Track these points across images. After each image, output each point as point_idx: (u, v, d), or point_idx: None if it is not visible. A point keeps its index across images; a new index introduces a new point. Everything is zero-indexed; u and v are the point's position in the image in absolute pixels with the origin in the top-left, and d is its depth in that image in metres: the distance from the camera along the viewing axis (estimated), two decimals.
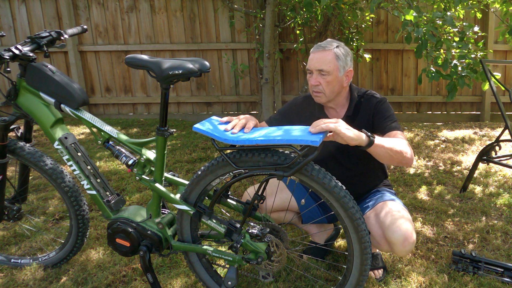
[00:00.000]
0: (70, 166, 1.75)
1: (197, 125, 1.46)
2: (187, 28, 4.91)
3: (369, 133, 1.51)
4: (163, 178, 1.66)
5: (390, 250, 1.75)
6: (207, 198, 1.62)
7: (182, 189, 1.68)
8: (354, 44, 4.47)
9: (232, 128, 1.47)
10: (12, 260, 2.02)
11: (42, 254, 2.04)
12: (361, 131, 1.49)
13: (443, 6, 3.19)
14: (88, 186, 1.74)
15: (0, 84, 5.02)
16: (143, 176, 1.65)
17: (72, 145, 1.77)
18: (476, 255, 2.00)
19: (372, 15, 4.46)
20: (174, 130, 1.62)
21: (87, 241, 2.19)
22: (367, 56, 4.47)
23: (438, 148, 3.86)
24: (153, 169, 1.67)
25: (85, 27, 1.97)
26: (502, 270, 1.95)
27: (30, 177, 2.04)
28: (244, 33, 4.81)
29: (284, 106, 1.99)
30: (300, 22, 4.20)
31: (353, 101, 1.87)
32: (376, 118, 1.81)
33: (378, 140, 1.52)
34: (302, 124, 1.57)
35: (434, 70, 2.93)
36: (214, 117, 1.57)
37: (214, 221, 1.58)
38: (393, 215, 1.73)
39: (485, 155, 2.62)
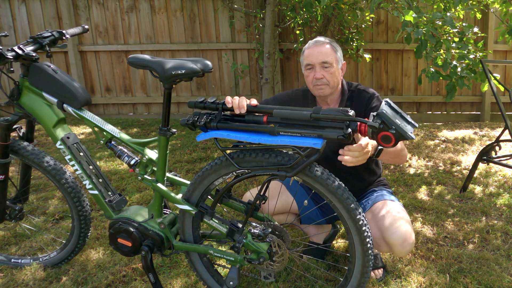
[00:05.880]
0: (72, 166, 1.75)
1: (198, 136, 1.46)
2: (187, 28, 4.90)
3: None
4: (165, 178, 1.66)
5: (389, 251, 1.76)
6: (209, 197, 1.63)
7: (184, 189, 1.68)
8: (354, 44, 4.48)
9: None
10: (13, 260, 2.02)
11: (42, 254, 2.04)
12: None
13: (443, 7, 3.20)
14: (90, 186, 1.74)
15: (3, 84, 5.02)
16: (145, 176, 1.66)
17: (74, 145, 1.77)
18: None
19: (372, 15, 4.47)
20: (175, 130, 1.62)
21: (87, 241, 2.19)
22: (367, 56, 4.47)
23: (438, 148, 3.86)
24: (155, 169, 1.67)
25: (86, 27, 1.97)
26: None
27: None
28: (244, 33, 4.81)
29: (282, 93, 2.02)
30: (300, 22, 4.21)
31: (345, 95, 1.89)
32: (370, 114, 1.81)
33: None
34: None
35: (433, 70, 2.94)
36: None
37: (216, 221, 1.58)
38: (392, 216, 1.73)
39: (485, 155, 2.63)
